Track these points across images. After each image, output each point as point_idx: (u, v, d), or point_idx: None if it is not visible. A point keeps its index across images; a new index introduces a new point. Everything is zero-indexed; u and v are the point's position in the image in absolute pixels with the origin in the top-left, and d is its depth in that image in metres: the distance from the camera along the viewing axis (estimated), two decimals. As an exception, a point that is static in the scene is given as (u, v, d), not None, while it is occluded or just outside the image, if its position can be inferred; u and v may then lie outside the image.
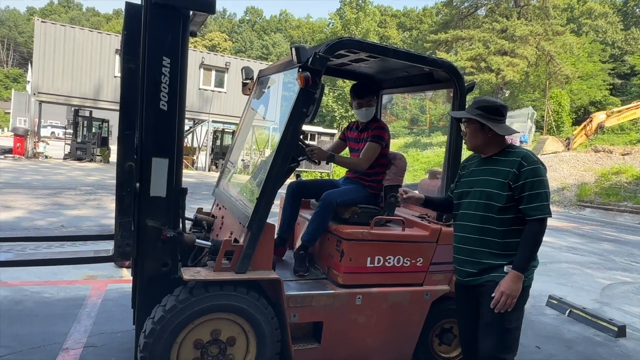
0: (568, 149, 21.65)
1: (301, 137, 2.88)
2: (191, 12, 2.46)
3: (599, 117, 21.76)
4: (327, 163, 3.15)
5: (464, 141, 2.47)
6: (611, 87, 33.54)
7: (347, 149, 3.46)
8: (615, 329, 4.22)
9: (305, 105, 2.43)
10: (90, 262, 2.44)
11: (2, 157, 16.68)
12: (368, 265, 2.77)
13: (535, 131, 26.09)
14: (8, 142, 21.13)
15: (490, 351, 2.22)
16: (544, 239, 2.18)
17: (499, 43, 27.64)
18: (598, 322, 4.39)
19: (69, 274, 4.40)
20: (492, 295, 2.16)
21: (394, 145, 23.22)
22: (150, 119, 2.34)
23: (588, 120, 22.41)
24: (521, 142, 23.82)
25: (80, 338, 3.15)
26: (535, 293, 5.40)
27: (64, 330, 3.23)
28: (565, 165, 20.03)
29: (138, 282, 2.49)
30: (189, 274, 2.33)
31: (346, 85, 38.72)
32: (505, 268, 2.19)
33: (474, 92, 27.77)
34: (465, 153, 2.65)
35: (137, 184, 2.34)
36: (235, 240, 2.51)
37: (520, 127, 24.73)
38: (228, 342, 2.44)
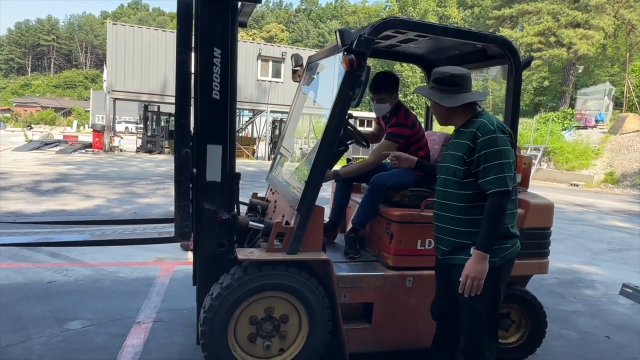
0: (652, 127, 19.68)
1: (349, 121, 2.91)
2: (239, 3, 2.56)
3: (689, 90, 19.55)
4: (335, 180, 3.16)
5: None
6: None
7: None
8: (700, 320, 3.86)
9: (351, 88, 2.44)
10: (154, 243, 2.65)
11: (83, 151, 18.24)
12: (418, 248, 2.75)
13: (615, 109, 23.95)
14: (89, 138, 23.03)
15: (467, 332, 2.19)
16: (620, 224, 2.02)
17: (570, 14, 25.48)
18: (680, 313, 4.03)
19: (141, 256, 4.78)
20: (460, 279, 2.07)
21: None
22: (204, 108, 2.47)
23: (676, 94, 20.21)
24: (597, 121, 22.04)
25: (151, 313, 3.43)
26: (607, 280, 5.08)
27: (136, 306, 3.54)
28: (649, 144, 18.26)
29: (198, 262, 2.67)
30: (243, 254, 2.45)
31: (404, 69, 37.82)
32: (472, 250, 2.07)
33: (537, 69, 25.71)
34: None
35: (194, 170, 2.49)
36: (287, 223, 2.59)
37: (595, 105, 22.85)
38: (281, 319, 2.55)
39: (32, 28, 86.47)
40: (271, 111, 21.58)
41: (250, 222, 2.70)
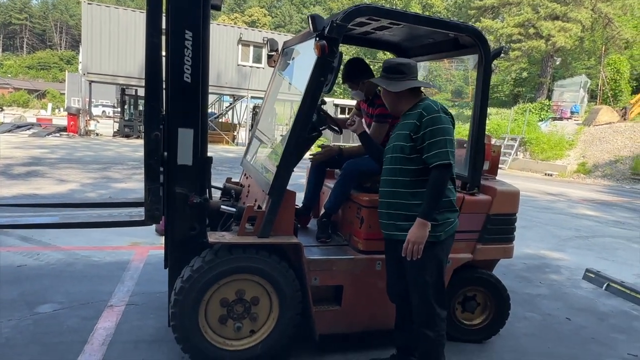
0: (624, 119, 20.28)
1: (322, 107, 2.93)
2: (211, -14, 2.53)
3: (660, 84, 20.15)
4: (338, 157, 3.20)
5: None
6: (678, 51, 30.75)
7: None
8: (655, 303, 4.07)
9: (323, 74, 2.46)
10: (124, 226, 2.64)
11: (57, 135, 17.78)
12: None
13: (589, 101, 24.53)
14: (63, 121, 22.42)
15: (419, 304, 2.36)
16: (589, 213, 2.13)
17: (549, 7, 25.81)
18: (636, 296, 4.24)
19: (115, 241, 4.75)
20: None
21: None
22: (174, 91, 2.46)
23: (648, 87, 20.82)
24: (572, 112, 22.56)
25: (124, 297, 3.43)
26: (572, 266, 5.28)
27: (109, 290, 3.53)
28: (620, 136, 18.83)
29: (169, 245, 2.67)
30: (214, 237, 2.48)
31: (387, 57, 37.84)
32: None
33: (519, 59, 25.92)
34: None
35: (165, 153, 2.48)
36: (259, 207, 2.62)
37: (571, 97, 23.36)
38: (252, 302, 2.59)
39: (2, 5, 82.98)
40: (252, 97, 21.35)
41: (222, 206, 2.72)
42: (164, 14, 2.42)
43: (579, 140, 19.77)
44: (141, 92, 20.41)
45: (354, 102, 19.44)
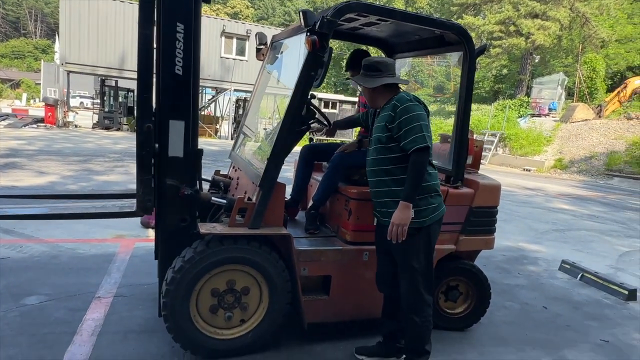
0: (599, 117, 20.87)
1: (311, 101, 2.98)
2: (203, -21, 2.54)
3: (634, 82, 20.82)
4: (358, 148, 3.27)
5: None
6: (651, 50, 31.70)
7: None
8: (626, 292, 4.27)
9: (313, 69, 2.51)
10: (116, 217, 2.65)
11: (34, 126, 17.34)
12: (375, 224, 2.90)
13: (567, 98, 25.13)
14: (40, 112, 21.85)
15: (407, 290, 2.47)
16: (565, 207, 2.24)
17: (529, 5, 26.27)
18: (609, 286, 4.44)
19: (100, 233, 4.71)
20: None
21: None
22: (166, 83, 2.48)
23: (622, 86, 21.45)
24: (550, 109, 23.09)
25: (111, 289, 3.43)
26: (548, 257, 5.47)
27: (96, 282, 3.52)
28: (595, 133, 19.40)
29: (160, 236, 2.70)
30: (205, 228, 2.51)
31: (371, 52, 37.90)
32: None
33: (502, 57, 26.31)
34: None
35: (157, 145, 2.50)
36: (249, 199, 2.66)
37: (549, 94, 23.90)
38: (242, 292, 2.64)
39: (-26, -9, 79.86)
40: (235, 90, 21.17)
41: (213, 198, 2.75)
42: (155, 7, 2.43)
43: (556, 137, 20.29)
44: (122, 83, 20.05)
45: (338, 97, 19.40)
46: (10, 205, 2.73)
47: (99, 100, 20.75)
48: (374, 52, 3.90)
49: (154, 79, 2.49)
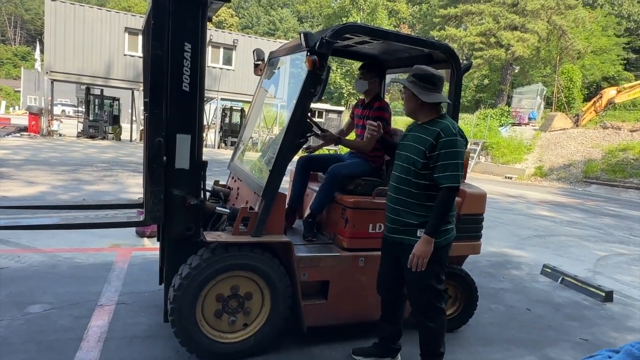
0: (577, 126, 21.58)
1: (309, 115, 3.14)
2: (208, 0, 2.70)
3: (609, 93, 21.60)
4: (336, 145, 3.41)
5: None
6: (625, 62, 32.95)
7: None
8: (603, 294, 4.52)
9: (313, 86, 2.68)
10: (125, 226, 2.75)
11: (18, 135, 17.11)
12: (370, 231, 3.07)
13: (546, 107, 25.91)
14: (22, 120, 21.56)
15: (418, 301, 2.56)
16: (545, 213, 2.42)
17: (509, 17, 27.14)
18: (587, 288, 4.69)
19: (96, 243, 4.77)
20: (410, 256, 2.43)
21: (399, 123, 23.34)
22: (174, 99, 2.61)
23: (598, 96, 22.23)
24: (530, 118, 23.76)
25: (112, 297, 3.52)
26: (531, 262, 5.72)
27: (97, 290, 3.60)
28: (573, 142, 20.04)
29: (166, 245, 2.81)
30: (211, 236, 2.64)
31: (354, 63, 38.39)
32: (419, 232, 2.44)
33: (484, 70, 27.02)
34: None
35: (164, 157, 2.62)
36: (251, 208, 2.80)
37: (529, 103, 24.60)
38: (246, 297, 2.77)
39: (-49, -3, 78.19)
40: (222, 99, 21.27)
41: (217, 208, 2.88)
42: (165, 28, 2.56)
43: (536, 145, 20.88)
44: (107, 92, 19.94)
45: (324, 106, 19.50)
46: (21, 216, 2.81)
47: (82, 109, 20.57)
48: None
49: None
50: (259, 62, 3.64)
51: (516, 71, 30.19)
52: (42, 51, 19.77)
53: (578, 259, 6.19)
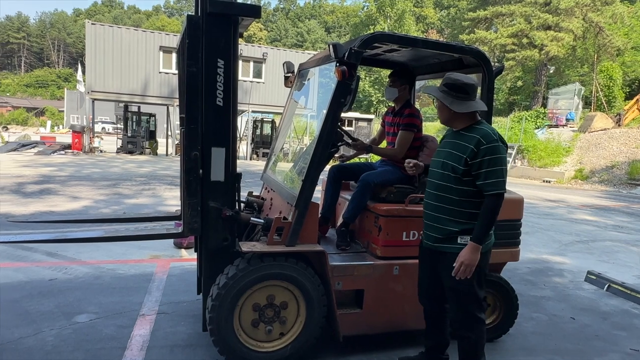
0: (619, 126, 20.65)
1: (339, 124, 3.17)
2: (239, 17, 2.78)
3: (653, 90, 20.56)
4: (367, 153, 3.42)
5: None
6: (669, 56, 31.37)
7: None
8: (654, 302, 4.28)
9: (343, 96, 2.71)
10: (164, 238, 2.87)
11: (63, 152, 18.00)
12: (404, 239, 3.04)
13: (584, 108, 24.96)
14: (66, 138, 22.67)
15: (459, 312, 2.50)
16: (588, 218, 2.32)
17: (541, 17, 26.42)
18: (636, 296, 4.46)
19: (137, 254, 4.95)
20: (453, 265, 2.37)
21: (430, 129, 22.98)
22: (209, 114, 2.70)
23: (641, 94, 21.22)
24: (567, 119, 22.95)
25: (153, 306, 3.63)
26: (574, 269, 5.50)
27: (138, 300, 3.73)
28: (615, 142, 19.18)
29: (203, 255, 2.89)
30: (246, 247, 2.70)
31: (383, 70, 38.33)
32: (460, 239, 2.40)
33: (513, 72, 26.35)
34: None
35: (200, 170, 2.71)
36: (285, 218, 2.84)
37: (566, 104, 23.78)
38: (282, 306, 2.80)
39: (0, 25, 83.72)
40: (252, 111, 21.68)
41: (252, 219, 2.94)
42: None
43: (575, 147, 20.12)
44: (144, 108, 20.72)
45: (353, 115, 19.50)
46: (67, 230, 2.96)
47: (121, 126, 21.44)
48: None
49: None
50: (289, 74, 3.71)
51: (551, 71, 29.29)
52: (83, 72, 20.75)
53: (625, 265, 5.90)
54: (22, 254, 4.73)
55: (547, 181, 18.13)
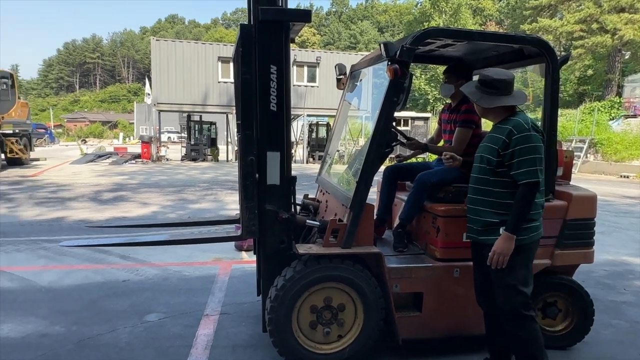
0: None
1: (393, 124, 3.12)
2: (290, 23, 2.83)
3: None
4: (423, 152, 3.34)
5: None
6: None
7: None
8: None
9: (396, 95, 2.66)
10: (224, 241, 2.99)
11: (133, 162, 19.28)
12: (464, 240, 2.92)
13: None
14: (136, 148, 24.24)
15: (504, 306, 2.45)
16: None
17: (614, -1, 24.49)
18: None
19: (201, 257, 5.17)
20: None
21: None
22: (263, 119, 2.76)
23: None
24: (646, 109, 21.02)
25: (216, 307, 3.77)
26: (659, 272, 5.00)
27: (202, 301, 3.89)
28: None
29: (262, 257, 2.96)
30: (303, 249, 2.72)
31: (439, 67, 37.33)
32: (500, 231, 2.37)
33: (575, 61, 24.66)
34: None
35: (257, 175, 2.78)
36: (340, 220, 2.84)
37: (645, 92, 21.79)
38: (339, 308, 2.79)
39: (78, 47, 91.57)
40: (308, 115, 21.97)
41: (308, 221, 2.97)
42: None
43: (657, 138, 18.36)
44: (205, 117, 21.69)
45: (409, 114, 19.15)
46: (138, 234, 3.16)
47: (185, 135, 22.58)
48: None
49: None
50: (341, 76, 3.71)
51: (626, 57, 27.01)
52: (150, 86, 22.14)
53: None
54: (99, 257, 5.11)
55: (625, 176, 16.69)
